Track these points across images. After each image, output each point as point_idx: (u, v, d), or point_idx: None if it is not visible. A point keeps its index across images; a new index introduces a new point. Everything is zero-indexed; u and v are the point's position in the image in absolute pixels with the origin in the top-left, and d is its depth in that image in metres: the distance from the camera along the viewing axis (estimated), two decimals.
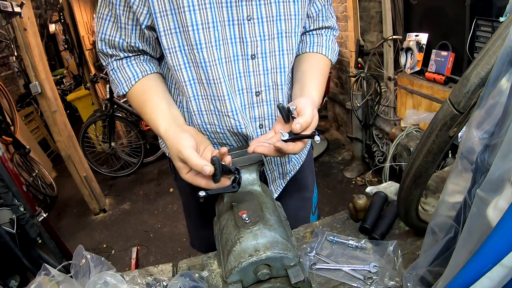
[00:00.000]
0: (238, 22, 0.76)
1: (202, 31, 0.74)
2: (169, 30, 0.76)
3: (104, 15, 0.80)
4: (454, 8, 1.84)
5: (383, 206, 0.95)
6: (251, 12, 0.76)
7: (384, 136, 2.87)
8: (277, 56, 0.82)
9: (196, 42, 0.75)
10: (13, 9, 2.07)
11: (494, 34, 0.48)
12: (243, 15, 0.76)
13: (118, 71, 0.86)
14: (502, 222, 0.39)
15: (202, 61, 0.77)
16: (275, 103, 0.86)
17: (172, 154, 0.74)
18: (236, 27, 0.77)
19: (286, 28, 0.80)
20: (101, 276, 0.70)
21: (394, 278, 0.75)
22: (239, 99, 0.83)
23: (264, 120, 0.87)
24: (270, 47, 0.80)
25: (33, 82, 2.50)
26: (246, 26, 0.77)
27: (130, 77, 0.85)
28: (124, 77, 0.85)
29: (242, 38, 0.78)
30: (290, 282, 0.63)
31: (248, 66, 0.80)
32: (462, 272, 0.44)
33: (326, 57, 0.94)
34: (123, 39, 0.82)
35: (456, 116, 0.53)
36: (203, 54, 0.76)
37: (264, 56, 0.80)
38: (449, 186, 0.59)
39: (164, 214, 3.13)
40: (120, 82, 0.86)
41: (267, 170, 0.96)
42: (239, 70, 0.80)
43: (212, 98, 0.81)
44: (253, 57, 0.80)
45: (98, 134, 4.03)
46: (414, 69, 2.18)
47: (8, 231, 1.38)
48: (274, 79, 0.83)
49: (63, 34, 4.55)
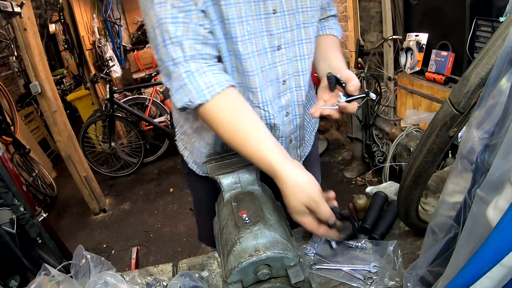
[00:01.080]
0: (266, 16, 0.81)
1: (237, 25, 0.77)
2: (216, 20, 0.76)
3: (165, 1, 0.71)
4: (454, 8, 1.84)
5: (383, 206, 0.95)
6: (276, 6, 0.81)
7: (384, 136, 2.86)
8: (296, 45, 0.88)
9: (232, 35, 0.78)
10: (13, 9, 2.07)
11: (494, 34, 0.48)
12: (269, 9, 0.80)
13: (198, 74, 0.73)
14: (502, 222, 0.39)
15: (238, 53, 0.80)
16: (296, 89, 0.92)
17: (293, 195, 0.68)
18: (263, 21, 0.81)
19: (304, 19, 0.87)
20: (101, 276, 0.70)
21: (394, 278, 0.75)
22: (271, 90, 0.87)
23: (289, 107, 0.93)
24: (292, 38, 0.86)
25: (33, 82, 2.50)
26: (272, 19, 0.82)
27: (214, 83, 0.72)
28: (206, 83, 0.72)
29: (270, 30, 0.82)
30: (290, 282, 0.63)
31: (275, 57, 0.85)
32: (462, 272, 0.44)
33: (337, 37, 1.04)
34: (200, 24, 0.73)
35: (456, 116, 0.53)
36: (239, 47, 0.79)
37: (287, 46, 0.86)
38: (449, 186, 0.59)
39: (164, 214, 3.13)
40: (198, 88, 0.72)
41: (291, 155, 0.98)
42: (269, 61, 0.85)
43: (247, 89, 0.85)
44: (278, 48, 0.85)
45: (98, 134, 4.02)
46: (414, 69, 2.18)
47: (8, 231, 1.38)
48: (295, 67, 0.90)
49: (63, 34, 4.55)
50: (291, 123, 0.95)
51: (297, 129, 0.98)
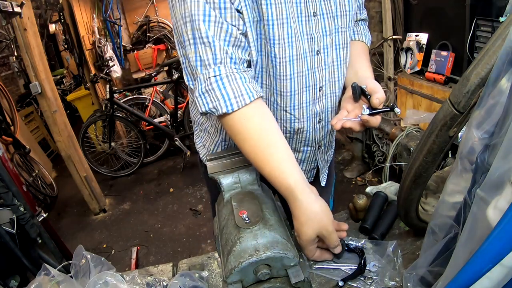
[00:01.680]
0: (307, 19, 0.78)
1: (276, 26, 0.74)
2: (253, 19, 0.74)
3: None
4: (454, 8, 1.84)
5: (383, 206, 0.95)
6: (316, 9, 0.79)
7: (384, 136, 2.86)
8: (334, 50, 0.86)
9: (270, 37, 0.75)
10: (13, 9, 2.07)
11: (494, 34, 0.48)
12: (310, 11, 0.78)
13: (227, 81, 0.68)
14: (502, 222, 0.39)
15: (273, 56, 0.77)
16: (332, 96, 0.90)
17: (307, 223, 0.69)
18: (304, 24, 0.78)
19: (342, 24, 0.85)
20: (101, 276, 0.70)
21: (394, 278, 0.75)
22: (305, 96, 0.85)
23: (322, 113, 0.91)
24: (330, 42, 0.84)
25: (33, 82, 2.50)
26: (313, 22, 0.79)
27: (243, 93, 0.68)
28: (235, 91, 0.68)
29: (311, 34, 0.80)
30: (290, 282, 0.63)
31: (314, 62, 0.83)
32: (462, 272, 0.44)
33: (365, 44, 1.01)
34: (233, 25, 0.69)
35: (456, 116, 0.53)
36: (275, 50, 0.76)
37: (325, 51, 0.84)
38: (449, 186, 0.59)
39: (164, 214, 3.13)
40: (226, 96, 0.68)
41: (320, 161, 1.01)
42: (308, 66, 0.82)
43: (274, 92, 0.83)
44: (318, 53, 0.83)
45: (98, 134, 4.02)
46: (414, 69, 2.18)
47: (8, 231, 1.38)
48: (332, 73, 0.88)
49: (63, 34, 4.55)
50: (323, 130, 0.94)
51: (327, 135, 0.98)
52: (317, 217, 0.68)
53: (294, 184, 0.68)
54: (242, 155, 0.82)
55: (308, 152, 0.97)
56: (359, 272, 0.77)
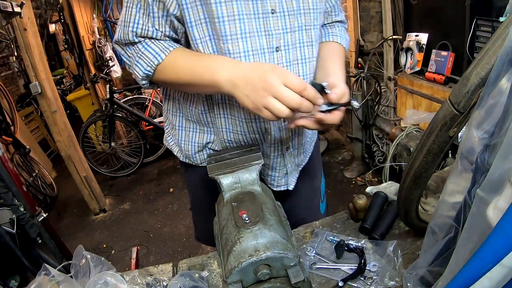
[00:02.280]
0: (264, 16, 0.78)
1: (228, 23, 0.76)
2: (199, 20, 0.77)
3: (134, 5, 0.78)
4: (454, 8, 1.84)
5: (383, 206, 0.95)
6: (275, 6, 0.79)
7: (384, 136, 2.86)
8: (297, 48, 0.85)
9: (221, 34, 0.76)
10: (13, 9, 2.07)
11: (494, 34, 0.48)
12: (268, 8, 0.78)
13: (151, 43, 0.80)
14: (502, 222, 0.39)
15: (226, 52, 0.78)
16: None
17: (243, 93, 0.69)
18: (261, 20, 0.79)
19: (306, 21, 0.84)
20: (101, 276, 0.70)
21: (394, 278, 0.75)
22: None
23: None
24: (292, 40, 0.83)
25: (33, 82, 2.50)
26: (270, 19, 0.79)
27: (166, 46, 0.80)
28: (159, 47, 0.80)
29: (268, 30, 0.80)
30: (290, 282, 0.63)
31: (273, 58, 0.82)
32: (462, 272, 0.44)
33: (341, 45, 0.99)
34: (156, 29, 0.80)
35: (456, 116, 0.53)
36: (228, 46, 0.78)
37: (287, 48, 0.83)
38: (449, 186, 0.59)
39: (164, 214, 3.13)
40: (154, 51, 0.79)
41: (288, 163, 0.98)
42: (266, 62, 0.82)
43: None
44: (277, 50, 0.82)
45: (98, 134, 4.02)
46: (414, 69, 2.18)
47: (8, 231, 1.38)
48: (296, 71, 0.87)
49: (63, 34, 4.55)
50: (290, 130, 0.92)
51: (295, 136, 0.95)
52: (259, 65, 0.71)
53: (226, 73, 0.72)
54: (242, 155, 0.82)
55: (278, 157, 0.95)
56: (359, 272, 0.77)
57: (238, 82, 0.70)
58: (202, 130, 0.96)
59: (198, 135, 0.96)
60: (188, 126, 0.97)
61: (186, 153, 1.01)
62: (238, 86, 0.70)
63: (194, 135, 0.97)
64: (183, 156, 1.03)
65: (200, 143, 0.97)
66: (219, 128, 0.92)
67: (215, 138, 0.95)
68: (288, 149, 0.95)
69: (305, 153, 1.04)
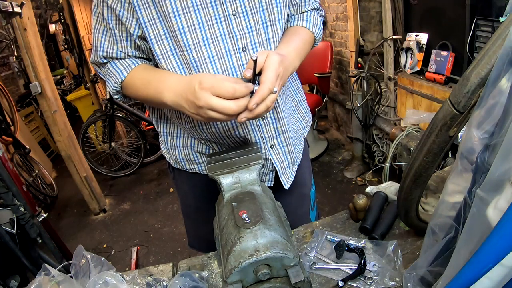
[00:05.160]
0: (225, 19, 0.79)
1: (189, 33, 0.77)
2: (159, 37, 0.79)
3: (100, 30, 0.83)
4: (454, 8, 1.84)
5: (383, 206, 0.95)
6: (236, 7, 0.78)
7: (384, 136, 2.86)
8: (265, 45, 0.84)
9: (185, 44, 0.78)
10: (13, 9, 2.07)
11: (494, 34, 0.48)
12: (228, 11, 0.78)
13: (117, 62, 0.86)
14: (502, 222, 0.39)
15: (192, 61, 0.80)
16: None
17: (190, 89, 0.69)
18: (223, 24, 0.79)
19: (270, 17, 0.83)
20: (101, 276, 0.70)
21: (394, 278, 0.75)
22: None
23: None
24: (258, 38, 0.82)
25: (33, 82, 2.50)
26: (233, 21, 0.79)
27: (130, 64, 0.85)
28: (123, 65, 0.85)
29: (231, 32, 0.80)
30: (290, 282, 0.63)
31: (241, 59, 0.82)
32: (462, 272, 0.44)
33: (306, 28, 0.95)
34: (120, 51, 0.84)
35: (456, 116, 0.53)
36: (193, 55, 0.79)
37: (254, 47, 0.82)
38: (449, 186, 0.59)
39: (164, 214, 3.13)
40: (118, 70, 0.85)
41: (275, 161, 0.96)
42: (233, 64, 0.82)
43: None
44: (244, 50, 0.82)
45: (98, 134, 4.03)
46: (414, 69, 2.18)
47: (8, 231, 1.38)
48: None
49: (63, 34, 4.55)
50: (271, 127, 0.91)
51: (279, 134, 0.94)
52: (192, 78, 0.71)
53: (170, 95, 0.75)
54: (242, 155, 0.82)
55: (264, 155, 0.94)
56: (359, 272, 0.77)
57: (180, 102, 0.73)
58: (186, 134, 0.96)
59: (183, 139, 0.97)
60: (172, 131, 0.98)
61: (174, 157, 1.01)
62: (182, 106, 0.73)
63: (178, 140, 0.97)
64: (174, 162, 1.03)
65: (185, 146, 0.97)
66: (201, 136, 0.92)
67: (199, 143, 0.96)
68: (273, 147, 0.95)
69: (296, 150, 1.02)
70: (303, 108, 1.09)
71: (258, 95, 0.68)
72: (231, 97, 0.66)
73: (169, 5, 0.74)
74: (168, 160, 1.05)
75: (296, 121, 1.05)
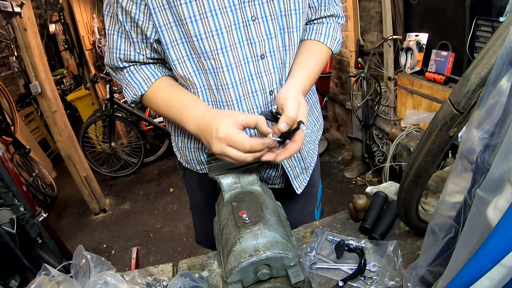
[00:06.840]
0: (244, 24, 0.76)
1: (206, 40, 0.75)
2: (175, 41, 0.77)
3: (115, 31, 0.81)
4: (454, 8, 1.84)
5: (383, 206, 0.95)
6: (255, 12, 0.76)
7: (384, 136, 2.86)
8: (281, 52, 0.82)
9: (202, 51, 0.76)
10: (13, 9, 2.07)
11: (494, 34, 0.48)
12: (248, 16, 0.75)
13: (136, 72, 0.84)
14: (502, 222, 0.39)
15: (209, 67, 0.78)
16: None
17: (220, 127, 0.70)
18: (242, 29, 0.76)
19: (288, 24, 0.81)
20: (101, 276, 0.70)
21: (394, 278, 0.75)
22: (254, 101, 0.83)
23: None
24: (276, 45, 0.80)
25: (33, 82, 2.50)
26: (252, 27, 0.77)
27: (149, 76, 0.84)
28: (142, 77, 0.84)
29: (250, 39, 0.77)
30: (290, 282, 0.63)
31: (258, 66, 0.80)
32: (462, 272, 0.44)
33: (323, 45, 0.92)
34: (138, 53, 0.82)
35: (456, 116, 0.53)
36: (210, 62, 0.77)
37: (272, 54, 0.80)
38: (449, 186, 0.59)
39: (164, 214, 3.13)
40: (138, 82, 0.84)
41: (287, 167, 0.94)
42: (251, 72, 0.80)
43: (221, 104, 0.82)
44: (262, 57, 0.80)
45: (98, 134, 4.03)
46: (414, 69, 2.18)
47: (8, 231, 1.38)
48: (281, 75, 0.84)
49: (63, 34, 4.55)
50: None
51: None
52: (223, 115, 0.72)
53: (192, 127, 0.78)
54: None
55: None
56: (359, 272, 0.77)
57: (201, 138, 0.78)
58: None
59: (194, 141, 0.96)
60: (183, 132, 0.97)
61: (185, 158, 1.01)
62: (203, 140, 0.77)
63: (189, 142, 0.96)
64: (184, 162, 1.03)
65: (196, 148, 0.96)
66: None
67: None
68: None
69: (308, 154, 1.00)
70: (317, 111, 1.06)
71: (288, 153, 0.73)
72: (244, 151, 0.69)
73: (186, 10, 0.71)
74: (179, 159, 1.05)
75: (310, 124, 1.01)
